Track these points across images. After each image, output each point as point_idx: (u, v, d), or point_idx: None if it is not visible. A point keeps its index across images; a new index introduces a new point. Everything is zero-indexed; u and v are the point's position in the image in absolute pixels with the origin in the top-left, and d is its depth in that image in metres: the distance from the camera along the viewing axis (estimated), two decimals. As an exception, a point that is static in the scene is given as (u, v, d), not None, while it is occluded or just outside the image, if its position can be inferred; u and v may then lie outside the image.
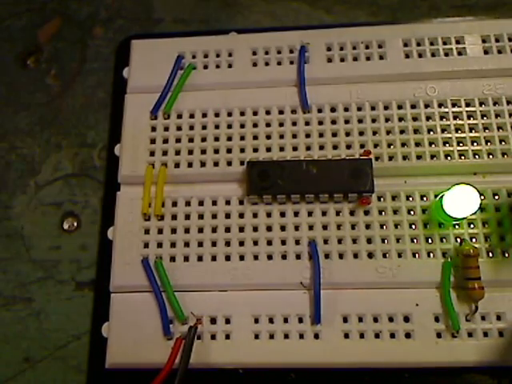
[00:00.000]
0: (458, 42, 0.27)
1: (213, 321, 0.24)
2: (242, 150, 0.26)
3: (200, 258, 0.25)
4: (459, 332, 0.23)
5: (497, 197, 0.25)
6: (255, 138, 0.26)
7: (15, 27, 0.32)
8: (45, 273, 0.27)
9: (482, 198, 0.24)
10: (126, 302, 0.24)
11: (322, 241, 0.24)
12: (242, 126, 0.26)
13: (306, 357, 0.23)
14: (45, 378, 0.25)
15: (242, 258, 0.25)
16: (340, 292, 0.24)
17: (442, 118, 0.26)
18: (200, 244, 0.25)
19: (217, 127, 0.27)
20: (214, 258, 0.25)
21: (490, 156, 0.25)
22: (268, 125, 0.26)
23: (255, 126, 0.26)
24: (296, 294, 0.24)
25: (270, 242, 0.25)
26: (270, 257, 0.24)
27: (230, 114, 0.27)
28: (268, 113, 0.27)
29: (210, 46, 0.28)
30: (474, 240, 0.24)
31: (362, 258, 0.24)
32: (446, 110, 0.26)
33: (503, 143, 0.25)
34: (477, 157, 0.25)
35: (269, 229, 0.25)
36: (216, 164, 0.26)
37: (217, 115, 0.27)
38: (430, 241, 0.24)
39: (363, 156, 0.25)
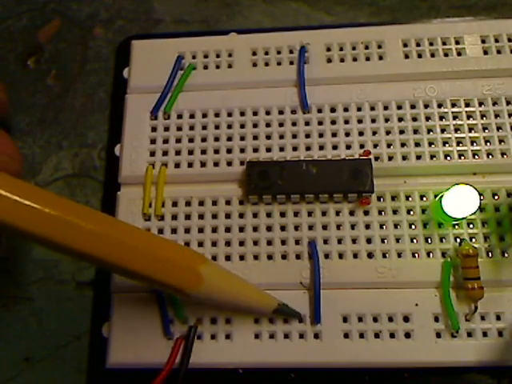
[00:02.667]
0: (457, 43, 0.27)
1: (213, 321, 0.24)
2: (242, 151, 0.26)
3: (200, 258, 0.25)
4: (459, 332, 0.23)
5: (496, 197, 0.25)
6: (255, 138, 0.26)
7: (15, 27, 0.32)
8: (45, 273, 0.27)
9: (482, 198, 0.24)
10: (126, 301, 0.24)
11: (321, 241, 0.24)
12: (242, 127, 0.27)
13: (306, 357, 0.23)
14: (45, 378, 0.25)
15: (242, 258, 0.25)
16: (340, 292, 0.24)
17: (441, 118, 0.26)
18: (200, 244, 0.25)
19: (217, 127, 0.27)
20: (214, 258, 0.25)
21: (490, 156, 0.25)
22: (268, 125, 0.27)
23: (255, 126, 0.27)
24: (296, 293, 0.24)
25: (270, 242, 0.25)
26: (270, 257, 0.25)
27: (230, 115, 0.27)
28: (268, 113, 0.27)
29: (209, 46, 0.28)
30: (473, 240, 0.24)
31: (361, 258, 0.24)
32: (446, 110, 0.26)
33: (503, 143, 0.25)
34: (476, 157, 0.25)
35: (269, 229, 0.25)
36: (216, 164, 0.26)
37: (217, 115, 0.27)
38: (429, 241, 0.24)
39: (363, 156, 0.25)
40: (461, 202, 0.23)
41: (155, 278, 0.18)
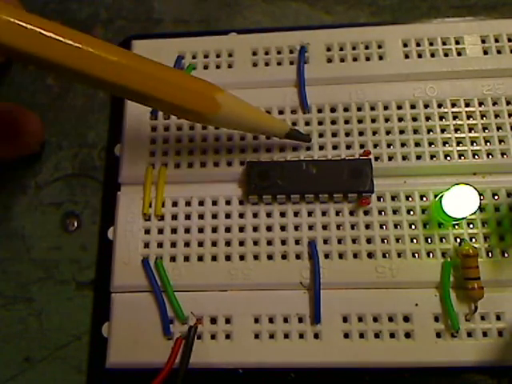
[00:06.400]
0: (457, 43, 0.27)
1: (213, 321, 0.24)
2: (242, 151, 0.26)
3: (200, 258, 0.25)
4: (459, 332, 0.23)
5: (496, 197, 0.25)
6: (255, 138, 0.26)
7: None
8: (45, 273, 0.27)
9: (482, 198, 0.24)
10: (126, 301, 0.24)
11: (321, 241, 0.24)
12: (242, 127, 0.27)
13: (306, 357, 0.23)
14: (45, 378, 0.25)
15: (242, 257, 0.25)
16: (340, 292, 0.24)
17: (441, 118, 0.26)
18: (200, 244, 0.25)
19: (217, 127, 0.27)
20: (214, 258, 0.25)
21: (490, 156, 0.25)
22: (268, 125, 0.27)
23: (255, 126, 0.27)
24: (296, 293, 0.24)
25: (270, 242, 0.25)
26: (270, 257, 0.25)
27: (230, 114, 0.27)
28: (268, 113, 0.27)
29: (210, 46, 0.28)
30: (473, 240, 0.24)
31: (361, 258, 0.24)
32: (446, 110, 0.26)
33: (502, 143, 0.25)
34: (476, 157, 0.25)
35: (269, 229, 0.25)
36: (216, 164, 0.26)
37: (217, 115, 0.27)
38: (429, 241, 0.24)
39: (363, 156, 0.25)
40: (461, 201, 0.23)
41: (177, 104, 0.21)
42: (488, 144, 0.25)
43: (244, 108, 0.23)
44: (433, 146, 0.25)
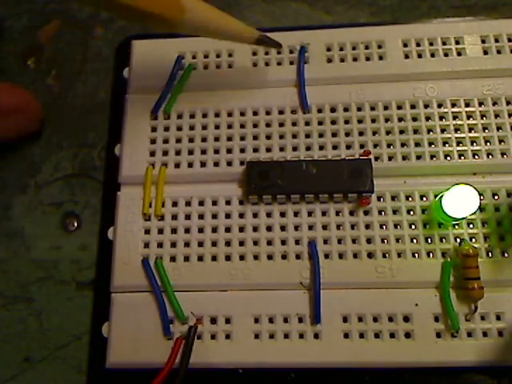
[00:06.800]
0: (457, 43, 0.27)
1: (213, 321, 0.24)
2: (242, 151, 0.26)
3: (200, 258, 0.25)
4: (459, 332, 0.23)
5: (496, 197, 0.25)
6: (255, 138, 0.26)
7: (15, 27, 0.32)
8: (45, 273, 0.27)
9: (482, 198, 0.24)
10: (126, 302, 0.24)
11: (321, 241, 0.24)
12: (242, 127, 0.27)
13: (306, 357, 0.23)
14: (45, 378, 0.25)
15: (242, 257, 0.25)
16: (340, 292, 0.24)
17: (441, 118, 0.26)
18: (200, 244, 0.25)
19: (217, 127, 0.27)
20: (214, 258, 0.25)
21: (490, 156, 0.25)
22: (268, 125, 0.27)
23: (255, 126, 0.27)
24: (296, 293, 0.24)
25: (270, 242, 0.25)
26: (270, 257, 0.25)
27: (230, 114, 0.27)
28: (268, 113, 0.27)
29: (210, 46, 0.28)
30: (473, 240, 0.24)
31: (361, 258, 0.24)
32: (446, 110, 0.26)
33: (502, 143, 0.25)
34: (476, 157, 0.25)
35: (269, 229, 0.25)
36: (216, 164, 0.26)
37: (217, 115, 0.27)
38: (429, 241, 0.24)
39: (363, 156, 0.25)
40: (461, 201, 0.23)
41: (142, 9, 0.21)
42: (488, 144, 0.26)
43: (210, 12, 0.23)
44: (433, 146, 0.26)
